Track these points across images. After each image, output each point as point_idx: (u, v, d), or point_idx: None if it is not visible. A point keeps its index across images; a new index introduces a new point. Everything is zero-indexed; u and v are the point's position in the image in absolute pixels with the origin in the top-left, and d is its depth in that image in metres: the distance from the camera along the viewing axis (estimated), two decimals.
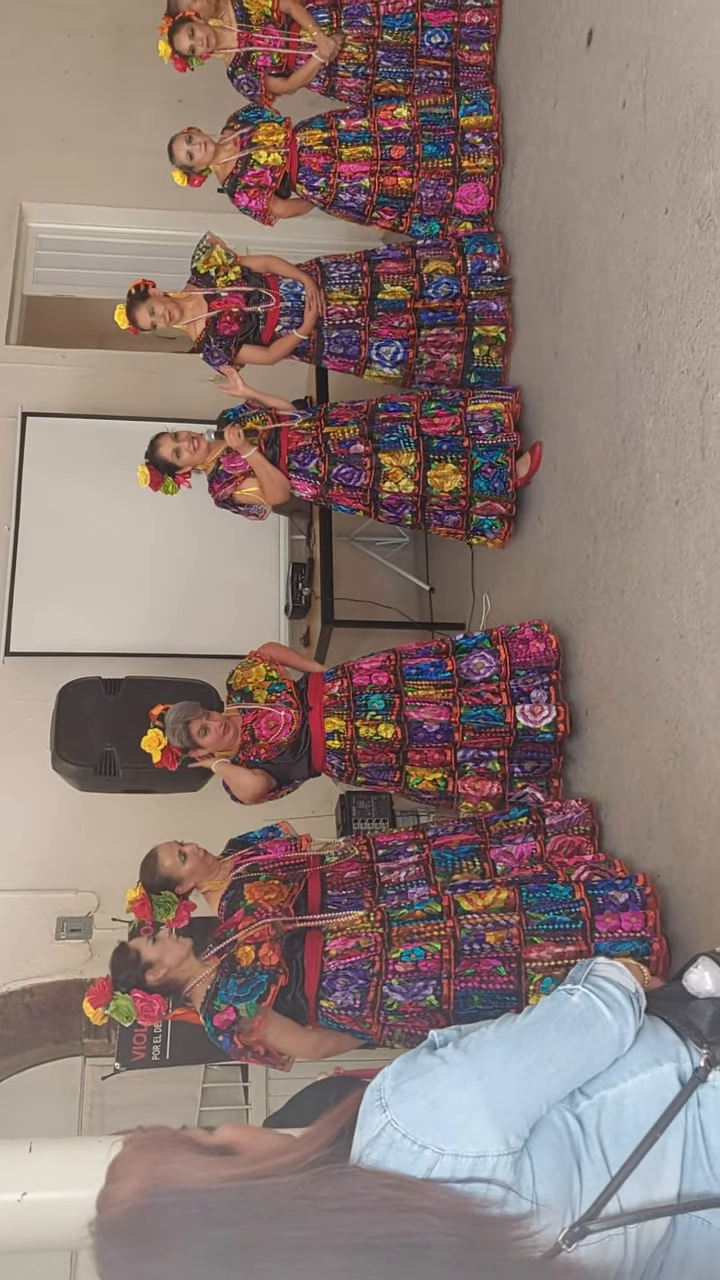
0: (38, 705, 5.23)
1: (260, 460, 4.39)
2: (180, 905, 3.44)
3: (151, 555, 5.99)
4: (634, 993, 1.56)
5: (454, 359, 4.76)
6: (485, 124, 4.90)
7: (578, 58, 4.07)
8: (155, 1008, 3.14)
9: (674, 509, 3.23)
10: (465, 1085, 1.40)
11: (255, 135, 4.83)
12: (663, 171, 3.33)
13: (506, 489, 4.41)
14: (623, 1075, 1.50)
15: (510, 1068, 1.43)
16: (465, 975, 3.20)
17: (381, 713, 3.94)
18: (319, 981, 3.23)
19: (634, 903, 3.28)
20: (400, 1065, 1.45)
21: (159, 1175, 1.35)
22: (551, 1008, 1.53)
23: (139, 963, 3.17)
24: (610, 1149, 1.44)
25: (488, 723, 3.93)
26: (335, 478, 4.44)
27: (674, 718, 3.21)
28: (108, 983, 3.19)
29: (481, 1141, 1.36)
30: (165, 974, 3.17)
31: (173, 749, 3.84)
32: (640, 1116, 1.46)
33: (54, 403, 6.36)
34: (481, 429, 4.41)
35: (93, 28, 7.18)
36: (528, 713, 3.92)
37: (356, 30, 5.14)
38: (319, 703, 3.97)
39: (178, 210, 6.46)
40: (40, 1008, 5.55)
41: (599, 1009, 1.51)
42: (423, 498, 4.44)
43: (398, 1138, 1.37)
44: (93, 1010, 3.19)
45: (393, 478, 4.41)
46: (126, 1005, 3.13)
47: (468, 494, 4.43)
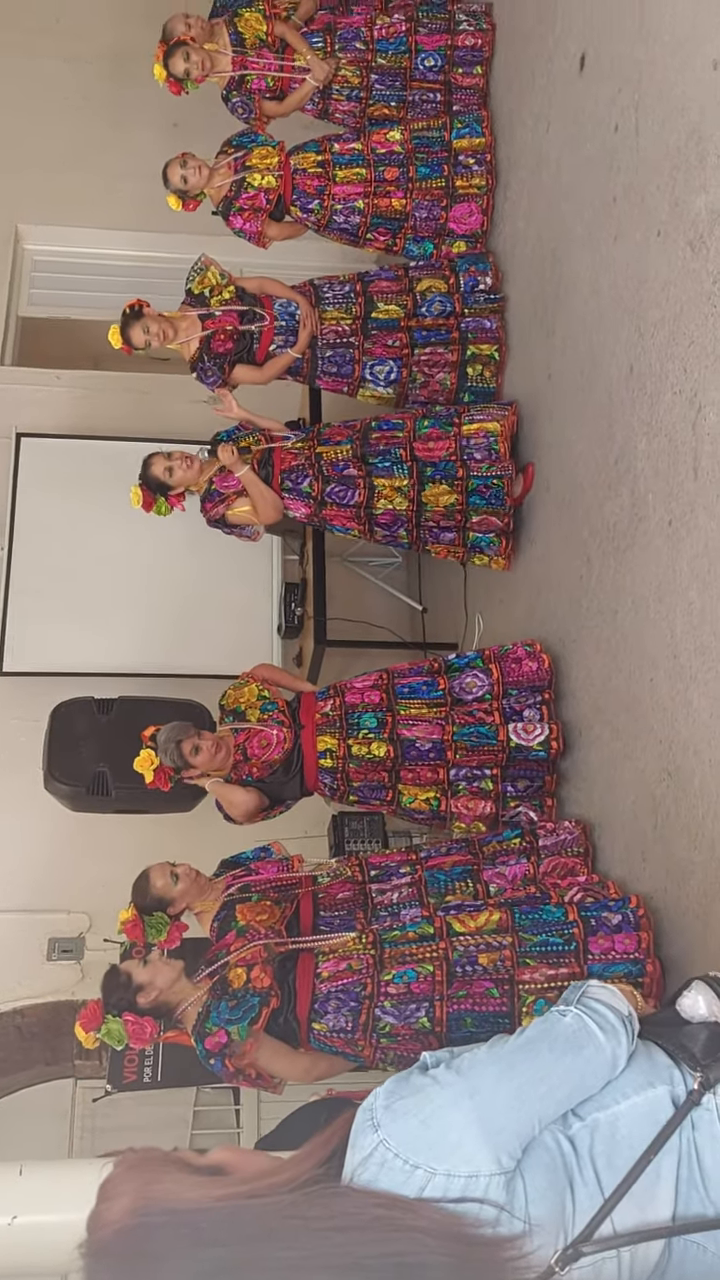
0: (31, 725, 5.21)
1: (253, 479, 4.38)
2: (172, 926, 3.43)
3: (145, 575, 5.98)
4: (627, 1015, 1.56)
5: (448, 378, 4.77)
6: (478, 146, 4.93)
7: (570, 82, 4.10)
8: (147, 1030, 3.13)
9: (667, 529, 3.23)
10: (457, 1104, 1.39)
11: (249, 158, 4.86)
12: (655, 194, 3.35)
13: (502, 502, 4.39)
14: (616, 1098, 1.49)
15: (502, 1087, 1.43)
16: (458, 997, 3.19)
17: (374, 731, 3.94)
18: (311, 1004, 3.22)
19: (627, 924, 3.27)
20: (392, 1085, 1.45)
21: (150, 1195, 1.35)
22: (544, 1028, 1.53)
23: (130, 985, 3.15)
24: (603, 1171, 1.43)
25: (480, 741, 3.92)
26: (329, 496, 4.43)
27: (668, 738, 3.21)
28: (99, 1006, 3.17)
29: (474, 1161, 1.36)
30: (157, 996, 3.15)
31: (165, 769, 3.84)
32: (634, 1138, 1.46)
33: (48, 423, 6.37)
34: (476, 455, 4.37)
35: (90, 53, 7.23)
36: (520, 731, 3.91)
37: (350, 54, 5.18)
38: (311, 721, 3.97)
39: (173, 233, 6.48)
40: (31, 1029, 5.52)
41: (592, 1030, 1.51)
42: (418, 514, 4.43)
43: (390, 1157, 1.36)
44: (84, 1034, 3.17)
45: (386, 496, 4.41)
46: (118, 1029, 3.12)
47: (463, 509, 4.41)
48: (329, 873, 3.71)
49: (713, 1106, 1.49)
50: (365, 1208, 1.31)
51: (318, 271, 5.31)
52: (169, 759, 3.81)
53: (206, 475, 4.45)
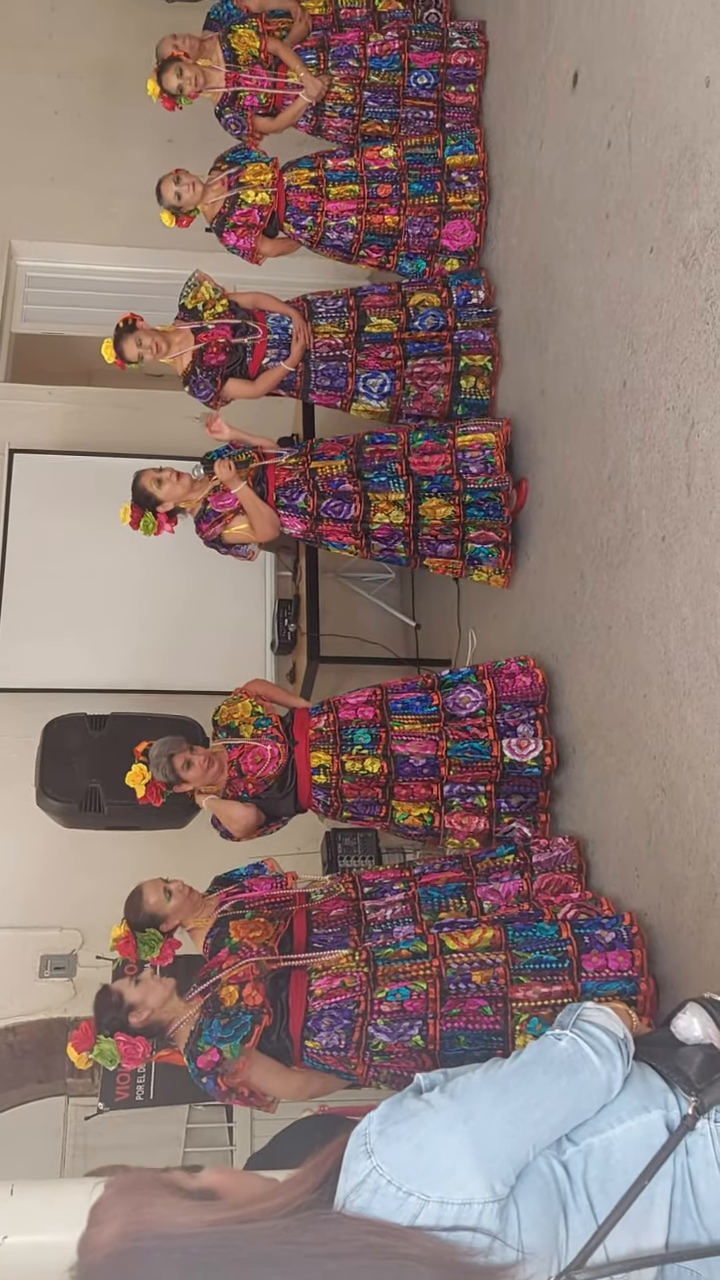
0: (23, 741, 5.20)
1: (250, 495, 4.35)
2: (165, 943, 3.42)
3: (138, 591, 5.98)
4: (622, 1038, 1.55)
5: (441, 390, 4.76)
6: (471, 163, 4.94)
7: (563, 99, 4.12)
8: (139, 1050, 3.11)
9: (660, 545, 3.23)
10: (451, 1130, 1.38)
11: (243, 175, 4.87)
12: (648, 211, 3.35)
13: (500, 514, 4.37)
14: (610, 1122, 1.48)
15: (497, 1112, 1.41)
16: (451, 1015, 3.18)
17: (368, 747, 3.93)
18: (304, 1021, 3.20)
19: (621, 942, 3.26)
20: (386, 1109, 1.43)
21: (141, 1219, 1.33)
22: (539, 1052, 1.52)
23: (122, 1005, 3.13)
24: (597, 1197, 1.42)
25: (474, 757, 3.91)
26: (325, 511, 4.40)
27: (661, 754, 3.21)
28: (91, 1026, 3.15)
29: (468, 1188, 1.34)
30: (149, 1016, 3.13)
31: (157, 784, 3.82)
32: (628, 1164, 1.44)
33: (41, 439, 6.37)
34: (472, 468, 4.35)
35: (83, 69, 7.25)
36: (514, 746, 3.91)
37: (344, 71, 5.20)
38: (305, 737, 3.95)
39: (166, 249, 6.50)
40: (23, 1047, 5.49)
41: (586, 1054, 1.50)
42: (415, 528, 4.40)
43: (383, 1183, 1.35)
44: (77, 1055, 3.15)
45: (383, 510, 4.38)
46: (110, 1049, 3.10)
47: (461, 521, 4.38)
48: (322, 889, 3.70)
49: (707, 1131, 1.48)
50: (358, 1234, 1.30)
51: (311, 288, 5.31)
52: (161, 774, 3.80)
53: (200, 494, 4.42)
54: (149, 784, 3.82)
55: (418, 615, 6.09)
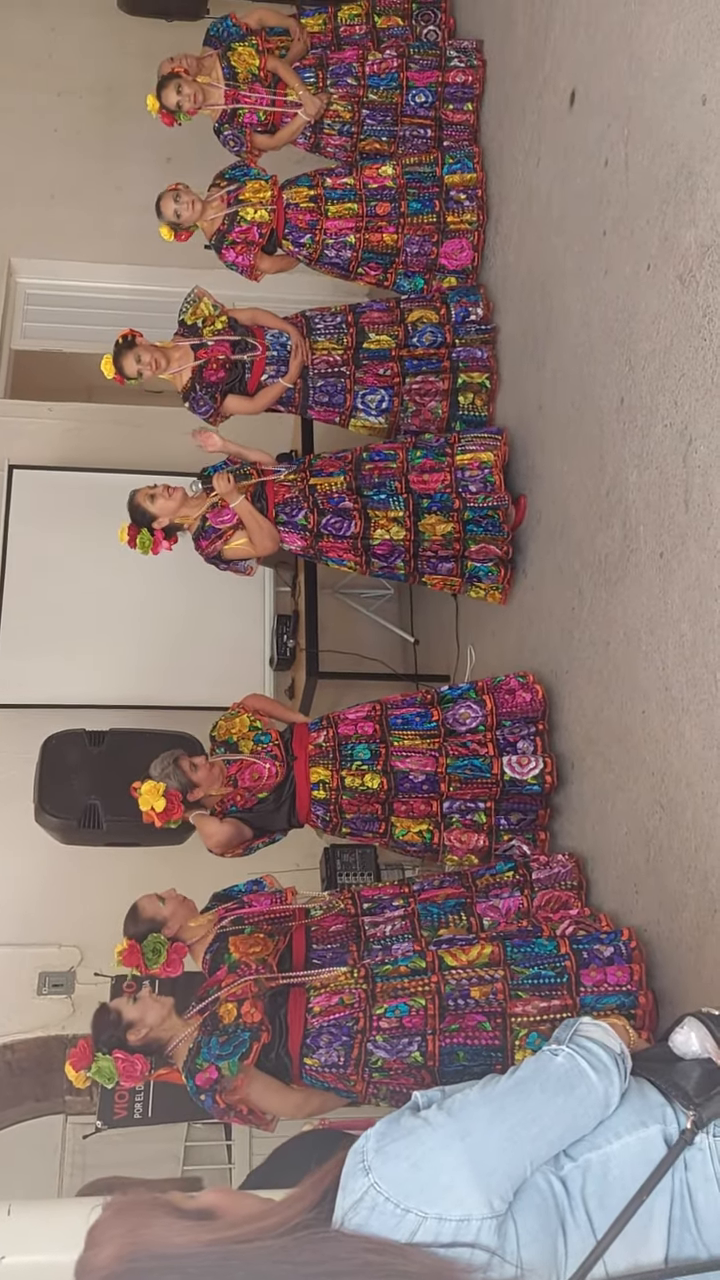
0: (21, 757, 5.19)
1: (249, 509, 4.33)
2: (170, 948, 3.39)
3: (136, 608, 5.98)
4: (619, 1054, 1.55)
5: (439, 407, 4.78)
6: (469, 181, 4.96)
7: (560, 118, 4.14)
8: (137, 1068, 3.09)
9: (658, 561, 3.24)
10: (448, 1147, 1.38)
11: (242, 192, 4.89)
12: (644, 228, 3.37)
13: (500, 530, 4.37)
14: (608, 1137, 1.48)
15: (494, 1129, 1.41)
16: (450, 1031, 3.17)
17: (367, 763, 3.92)
18: (303, 1039, 3.19)
19: (619, 957, 3.25)
20: (383, 1127, 1.43)
21: (138, 1240, 1.33)
22: (536, 1068, 1.51)
23: (120, 1023, 3.12)
24: (596, 1212, 1.42)
25: (474, 774, 3.91)
26: (325, 528, 4.40)
27: (660, 770, 3.21)
28: (89, 1044, 3.14)
29: (465, 1205, 1.34)
30: (147, 1034, 3.12)
31: (174, 792, 3.73)
32: (626, 1179, 1.44)
33: (41, 456, 6.38)
34: (472, 487, 4.35)
35: (82, 87, 7.29)
36: (514, 764, 3.90)
37: (342, 89, 5.23)
38: (304, 752, 3.95)
39: (165, 266, 6.52)
40: (21, 1065, 5.47)
41: (584, 1070, 1.49)
42: (415, 544, 4.39)
43: (381, 1201, 1.34)
44: (75, 1073, 3.13)
45: (383, 526, 4.38)
46: (108, 1067, 3.08)
47: (461, 537, 4.38)
48: (322, 905, 3.69)
49: (705, 1146, 1.48)
50: (356, 1253, 1.29)
51: (309, 304, 5.34)
52: (174, 781, 3.75)
53: (198, 510, 4.40)
54: (167, 793, 3.71)
55: (416, 631, 6.09)
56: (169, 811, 3.72)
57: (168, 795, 3.71)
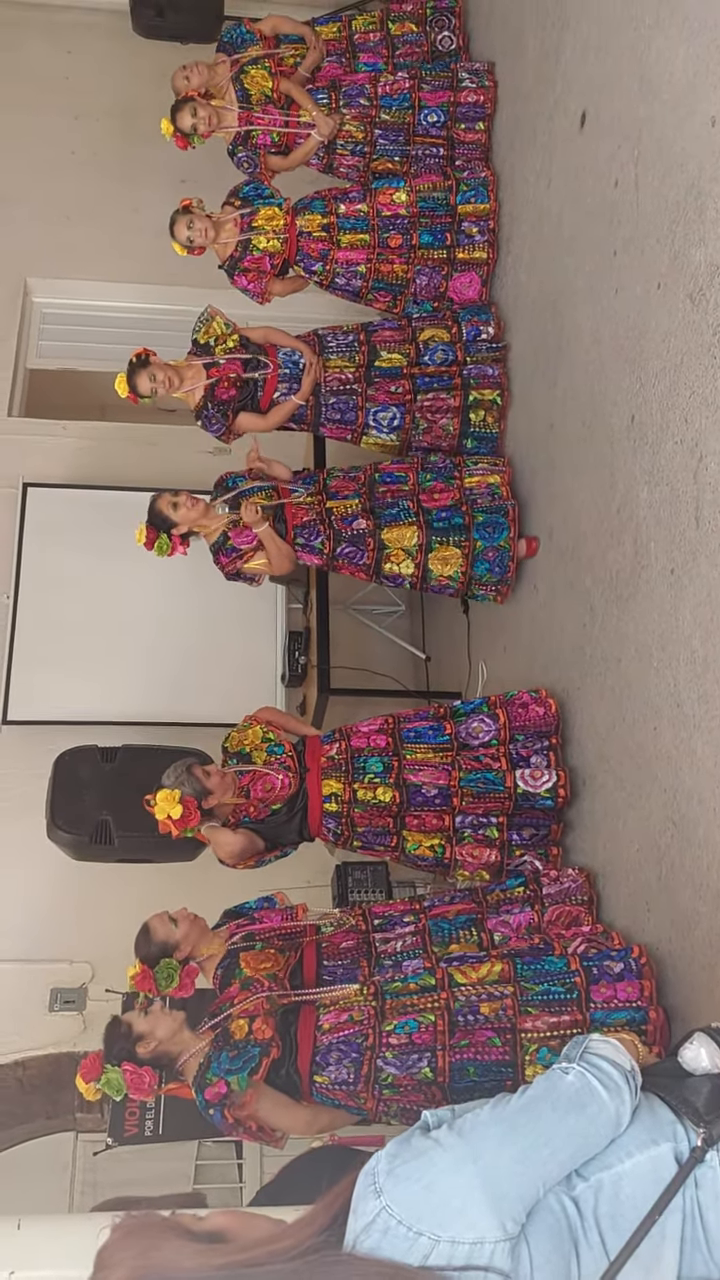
0: (34, 773, 5.20)
1: (271, 535, 4.43)
2: (183, 971, 3.38)
3: (149, 624, 5.99)
4: (629, 1070, 1.54)
5: (450, 424, 4.80)
6: (482, 212, 4.98)
7: (571, 138, 4.16)
8: (146, 1081, 3.09)
9: (669, 578, 3.24)
10: (460, 1169, 1.37)
11: (255, 219, 4.91)
12: (655, 248, 3.38)
13: (506, 574, 4.45)
14: (619, 1156, 1.47)
15: (505, 1150, 1.40)
16: (460, 1047, 3.16)
17: (380, 776, 3.92)
18: (312, 1056, 3.19)
19: (629, 972, 3.24)
20: (394, 1148, 1.43)
21: (148, 1263, 1.32)
22: (546, 1088, 1.51)
23: (130, 1035, 3.12)
24: (608, 1233, 1.41)
25: (487, 788, 3.91)
26: (340, 555, 4.51)
27: (672, 787, 3.20)
28: (99, 1057, 3.14)
29: (478, 1227, 1.33)
30: (156, 1047, 3.12)
31: (189, 799, 3.68)
32: (638, 1199, 1.43)
33: (55, 473, 6.40)
34: (480, 501, 4.48)
35: (99, 110, 7.34)
36: (528, 778, 3.90)
37: (355, 110, 5.25)
38: (316, 765, 3.95)
39: (178, 286, 6.55)
40: (32, 1082, 5.47)
41: (594, 1089, 1.49)
42: (423, 581, 4.52)
43: (393, 1224, 1.34)
44: (85, 1085, 3.13)
45: (394, 559, 4.45)
46: (117, 1079, 3.08)
47: (466, 579, 4.48)
48: (333, 922, 3.68)
49: (716, 1163, 1.47)
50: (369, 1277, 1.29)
51: (322, 323, 5.35)
52: (188, 788, 3.72)
53: (218, 524, 4.47)
54: (183, 800, 3.66)
55: (428, 647, 6.09)
56: (186, 819, 3.67)
57: (184, 802, 3.66)
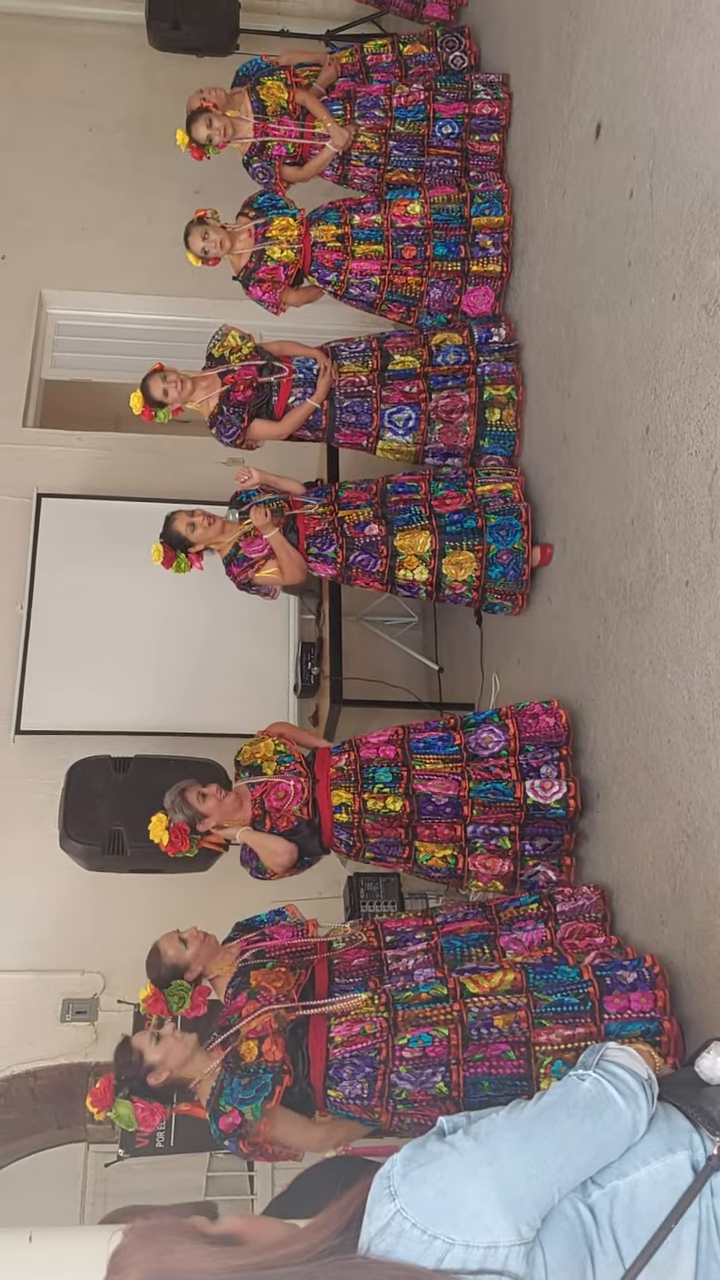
0: (47, 783, 5.21)
1: (281, 541, 4.43)
2: (194, 992, 3.37)
3: (162, 635, 6.01)
4: (646, 1079, 1.53)
5: (466, 422, 4.78)
6: (497, 225, 4.98)
7: (586, 150, 4.17)
8: (156, 1116, 3.05)
9: (684, 590, 3.23)
10: (475, 1172, 1.37)
11: (270, 229, 4.93)
12: (670, 259, 3.39)
13: (521, 577, 4.43)
14: (635, 1164, 1.46)
15: (521, 1155, 1.40)
16: (474, 1061, 3.14)
17: (389, 786, 3.92)
18: (325, 1070, 3.16)
19: (643, 983, 3.23)
20: (409, 1152, 1.42)
21: (162, 1266, 1.32)
22: (563, 1094, 1.50)
23: (141, 1064, 3.07)
24: (624, 1240, 1.40)
25: (497, 798, 3.90)
26: (353, 564, 4.50)
27: (686, 799, 3.19)
28: (110, 1084, 3.09)
29: (493, 1231, 1.33)
30: (168, 1077, 3.08)
31: (180, 826, 3.75)
32: (654, 1206, 1.43)
33: (69, 484, 6.43)
34: (493, 506, 4.48)
35: (113, 122, 7.39)
36: (538, 788, 3.89)
37: (369, 121, 5.28)
38: (326, 775, 3.95)
39: (194, 297, 6.59)
40: (44, 1092, 5.46)
41: (611, 1095, 1.48)
42: (436, 585, 4.49)
43: (407, 1227, 1.33)
44: (95, 1110, 3.12)
45: (408, 565, 4.45)
46: (128, 1113, 3.04)
47: (481, 583, 4.47)
48: (344, 937, 3.67)
49: None
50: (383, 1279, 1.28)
51: (337, 334, 5.37)
52: (180, 814, 3.76)
53: (231, 537, 4.48)
54: (172, 827, 3.75)
55: (440, 659, 6.09)
56: (175, 844, 3.76)
57: (172, 829, 3.75)
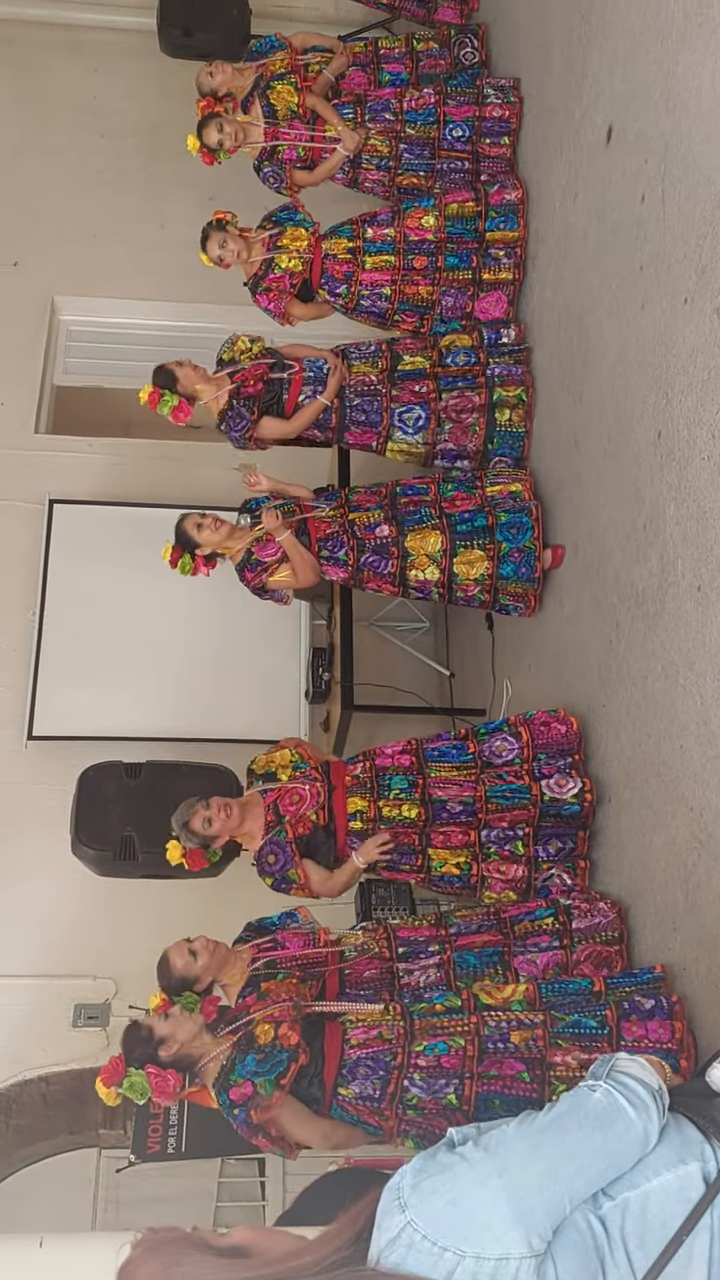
0: (59, 789, 5.21)
1: (294, 543, 4.45)
2: (204, 1002, 3.38)
3: (174, 640, 6.01)
4: (657, 1089, 1.52)
5: (476, 423, 4.77)
6: (510, 239, 4.97)
7: (597, 154, 4.16)
8: (170, 1084, 3.07)
9: (696, 595, 3.22)
10: (485, 1183, 1.36)
11: (281, 238, 4.95)
12: (681, 263, 3.37)
13: (533, 574, 4.42)
14: (646, 1175, 1.45)
15: (531, 1166, 1.39)
16: (488, 1077, 3.12)
17: (405, 792, 3.93)
18: (339, 1069, 3.17)
19: (660, 1010, 3.21)
20: (419, 1163, 1.41)
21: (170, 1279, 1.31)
22: (573, 1104, 1.49)
23: (151, 1039, 3.11)
24: (635, 1253, 1.39)
25: (513, 797, 3.89)
26: (364, 565, 4.50)
27: (699, 805, 3.17)
28: (120, 1061, 3.12)
29: (504, 1243, 1.32)
30: (178, 1050, 3.11)
31: (195, 851, 3.85)
32: (665, 1218, 1.41)
33: (81, 490, 6.44)
34: (503, 506, 4.48)
35: (126, 129, 7.41)
36: (553, 785, 3.88)
37: (380, 125, 5.29)
38: (341, 783, 3.96)
39: (205, 303, 6.60)
40: (56, 1097, 5.46)
41: (622, 1106, 1.47)
42: (449, 587, 4.48)
43: (417, 1239, 1.32)
44: (105, 1090, 3.11)
45: (419, 566, 4.44)
46: (140, 1081, 3.06)
47: (493, 582, 4.45)
48: (355, 946, 3.66)
49: None
50: None
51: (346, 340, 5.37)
52: (190, 841, 3.83)
53: (242, 543, 4.50)
54: (188, 854, 3.86)
55: (452, 664, 6.08)
56: (194, 863, 3.88)
57: (189, 856, 3.88)
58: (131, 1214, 5.64)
